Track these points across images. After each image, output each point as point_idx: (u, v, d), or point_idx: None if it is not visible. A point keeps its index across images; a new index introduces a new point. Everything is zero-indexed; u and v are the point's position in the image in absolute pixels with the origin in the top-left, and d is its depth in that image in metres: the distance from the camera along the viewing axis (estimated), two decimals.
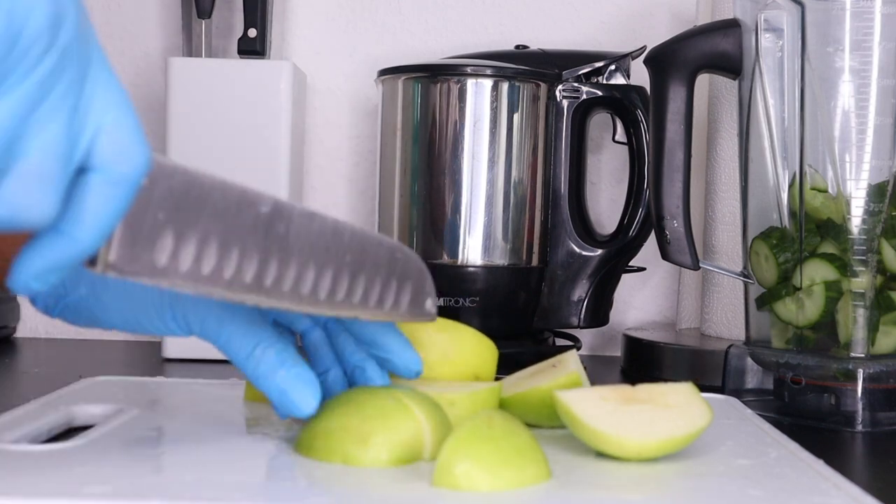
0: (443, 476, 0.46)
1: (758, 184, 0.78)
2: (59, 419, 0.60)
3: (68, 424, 0.60)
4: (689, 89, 0.79)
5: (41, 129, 0.35)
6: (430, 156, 0.91)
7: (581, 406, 0.54)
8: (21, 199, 0.36)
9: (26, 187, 0.36)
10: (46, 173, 0.36)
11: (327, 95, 1.12)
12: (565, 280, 0.93)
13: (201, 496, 0.45)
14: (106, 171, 0.38)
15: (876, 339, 0.73)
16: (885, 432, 0.71)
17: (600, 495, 0.48)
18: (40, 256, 0.38)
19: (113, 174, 0.38)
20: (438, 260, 0.90)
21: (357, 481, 0.49)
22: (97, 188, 0.38)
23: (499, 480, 0.46)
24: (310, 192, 1.12)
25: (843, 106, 0.72)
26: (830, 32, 0.72)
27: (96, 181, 0.38)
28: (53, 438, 0.57)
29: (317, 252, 0.48)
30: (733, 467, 0.53)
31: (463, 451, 0.47)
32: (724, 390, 0.78)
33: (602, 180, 1.12)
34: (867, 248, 0.72)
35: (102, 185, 0.38)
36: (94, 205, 0.38)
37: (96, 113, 0.37)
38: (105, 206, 0.38)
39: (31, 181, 0.36)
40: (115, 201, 0.38)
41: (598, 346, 1.11)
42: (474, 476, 0.46)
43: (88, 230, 0.38)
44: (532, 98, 0.92)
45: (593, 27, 1.12)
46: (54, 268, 0.38)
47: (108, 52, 0.39)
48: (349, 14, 1.12)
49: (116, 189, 0.38)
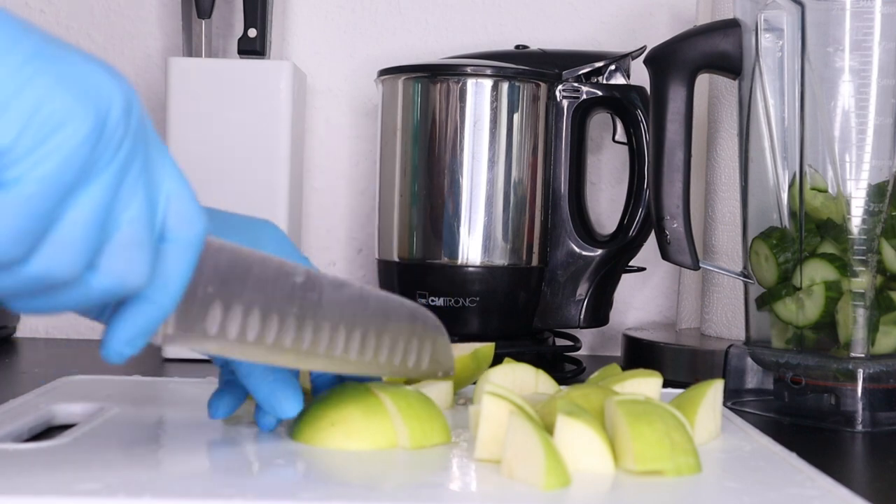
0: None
1: (758, 184, 0.78)
2: (39, 418, 0.60)
3: (48, 423, 0.61)
4: (689, 89, 0.79)
5: (128, 203, 0.40)
6: (430, 156, 0.91)
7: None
8: (122, 266, 0.40)
9: (125, 256, 0.40)
10: (138, 241, 0.40)
11: (327, 95, 1.12)
12: (565, 280, 0.93)
13: (192, 492, 0.45)
14: (177, 238, 0.42)
15: (876, 339, 0.73)
16: (885, 432, 0.71)
17: (577, 482, 0.48)
18: (132, 324, 0.43)
19: (183, 240, 0.42)
20: (438, 260, 0.90)
21: (336, 465, 0.51)
22: (174, 254, 0.42)
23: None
24: (310, 192, 1.12)
25: (843, 106, 0.72)
26: (830, 32, 0.72)
27: (172, 248, 0.42)
28: (35, 437, 0.58)
29: (346, 317, 0.53)
30: (709, 461, 0.54)
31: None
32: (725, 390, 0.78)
33: (602, 180, 1.12)
34: (867, 248, 0.72)
35: (177, 252, 0.42)
36: (173, 270, 0.42)
37: (163, 184, 0.42)
38: (181, 271, 0.43)
39: (127, 250, 0.40)
40: (187, 265, 0.43)
41: (598, 346, 1.11)
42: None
43: (172, 295, 0.43)
44: (532, 98, 0.92)
45: (593, 27, 1.12)
46: (144, 333, 0.43)
47: (108, 52, 0.40)
48: (349, 14, 1.12)
49: (187, 253, 0.43)
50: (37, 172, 0.36)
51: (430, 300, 0.90)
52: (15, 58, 0.36)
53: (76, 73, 0.38)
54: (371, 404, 0.56)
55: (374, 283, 0.98)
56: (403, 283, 0.92)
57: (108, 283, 0.40)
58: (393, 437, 0.55)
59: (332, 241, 1.12)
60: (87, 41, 1.11)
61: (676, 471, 0.50)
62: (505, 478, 0.49)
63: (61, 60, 0.38)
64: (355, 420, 0.55)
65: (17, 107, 0.36)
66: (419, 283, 0.91)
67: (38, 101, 0.36)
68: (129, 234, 0.40)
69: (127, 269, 0.40)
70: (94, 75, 0.38)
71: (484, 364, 0.71)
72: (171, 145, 0.97)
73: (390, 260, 0.93)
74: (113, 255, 0.40)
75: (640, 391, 0.60)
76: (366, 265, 1.12)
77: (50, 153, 0.37)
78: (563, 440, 0.50)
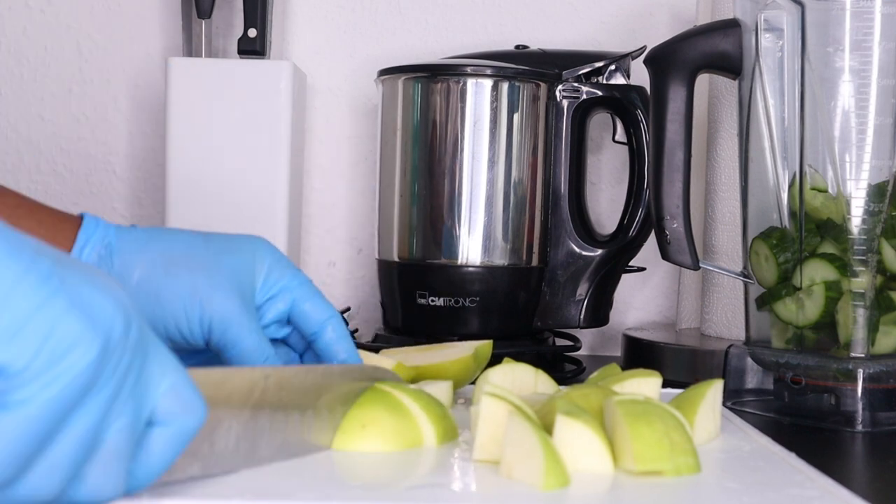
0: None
1: (758, 184, 0.77)
2: None
3: None
4: (689, 89, 0.79)
5: (118, 416, 0.39)
6: (430, 156, 0.91)
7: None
8: (100, 480, 0.39)
9: (105, 469, 0.39)
10: (121, 452, 0.39)
11: (327, 95, 1.12)
12: (565, 280, 0.93)
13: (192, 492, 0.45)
14: (172, 425, 0.41)
15: (876, 339, 0.73)
16: (885, 432, 0.71)
17: (576, 483, 0.48)
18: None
19: (178, 427, 0.42)
20: (438, 260, 0.90)
21: (336, 466, 0.51)
22: (164, 440, 0.41)
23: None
24: (310, 193, 1.12)
25: (843, 106, 0.72)
26: (830, 32, 0.72)
27: (164, 434, 0.41)
28: None
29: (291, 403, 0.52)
30: (709, 461, 0.54)
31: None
32: (725, 390, 0.78)
33: (602, 180, 1.12)
34: (867, 248, 0.72)
35: (169, 437, 0.41)
36: (160, 454, 0.41)
37: (155, 384, 0.41)
38: (169, 454, 0.42)
39: (108, 463, 0.39)
40: (178, 447, 0.42)
41: (598, 346, 1.11)
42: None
43: (152, 475, 0.42)
44: (532, 98, 0.92)
45: (593, 27, 1.12)
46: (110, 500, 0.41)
47: (108, 52, 0.40)
48: (349, 14, 1.12)
49: (181, 438, 0.42)
50: (44, 395, 0.36)
51: (430, 300, 0.90)
52: (31, 279, 0.36)
53: (84, 294, 0.38)
54: (394, 404, 0.56)
55: (375, 282, 0.98)
56: (403, 283, 0.92)
57: (85, 495, 0.39)
58: (419, 436, 0.56)
59: (332, 241, 1.12)
60: (87, 41, 1.11)
61: (676, 471, 0.50)
62: (504, 478, 0.49)
63: (70, 282, 0.38)
64: (384, 421, 0.55)
65: (33, 329, 0.36)
66: (419, 283, 0.91)
67: (52, 324, 0.36)
68: (113, 446, 0.39)
69: (104, 481, 0.39)
70: (99, 295, 0.38)
71: (483, 362, 0.71)
72: (171, 145, 0.97)
73: (390, 260, 0.93)
74: (94, 468, 0.39)
75: (640, 391, 0.60)
76: (366, 265, 1.12)
77: (58, 376, 0.36)
78: (563, 440, 0.50)
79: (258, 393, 0.49)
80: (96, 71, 1.11)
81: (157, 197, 1.11)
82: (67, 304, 0.37)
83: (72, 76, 1.11)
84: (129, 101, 1.11)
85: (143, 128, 1.12)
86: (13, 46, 1.11)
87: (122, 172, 1.12)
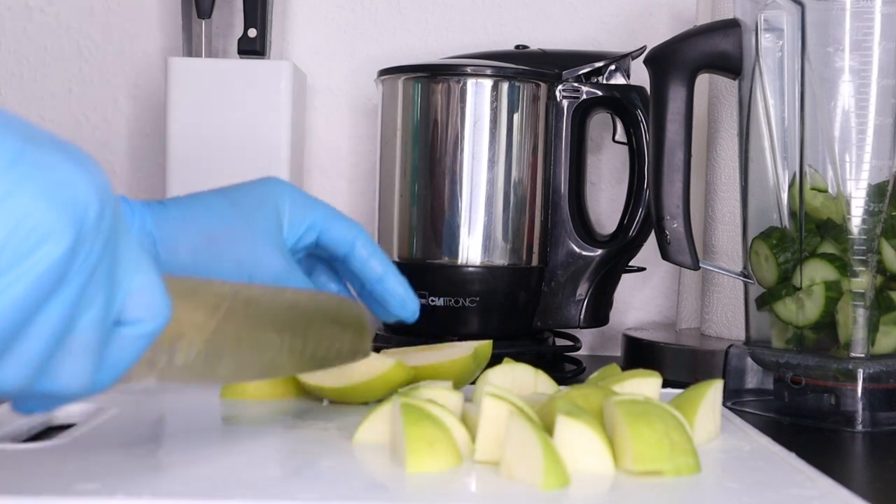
0: None
1: (758, 184, 0.77)
2: (38, 418, 0.60)
3: (47, 423, 0.61)
4: (689, 89, 0.79)
5: (88, 307, 0.37)
6: (430, 156, 0.91)
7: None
8: (68, 372, 0.37)
9: (73, 361, 0.37)
10: (90, 345, 0.38)
11: (327, 95, 1.12)
12: (565, 280, 0.93)
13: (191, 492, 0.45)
14: (136, 326, 0.40)
15: (876, 339, 0.73)
16: (885, 432, 0.71)
17: (576, 483, 0.48)
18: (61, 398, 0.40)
19: (141, 329, 0.40)
20: (438, 260, 0.90)
21: (335, 466, 0.49)
22: (127, 341, 0.40)
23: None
24: (310, 192, 1.11)
25: (843, 106, 0.72)
26: (830, 32, 0.72)
27: (127, 335, 0.40)
28: (34, 437, 0.58)
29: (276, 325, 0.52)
30: (709, 461, 0.54)
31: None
32: (725, 390, 0.78)
33: (602, 180, 1.12)
34: (867, 248, 0.72)
35: (132, 339, 0.40)
36: (122, 356, 0.40)
37: (126, 279, 0.39)
38: (131, 356, 0.40)
39: (77, 355, 0.37)
40: (139, 350, 0.40)
41: (598, 346, 1.11)
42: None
43: (114, 378, 0.40)
44: (532, 98, 0.92)
45: (593, 27, 1.12)
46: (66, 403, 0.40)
47: (108, 52, 0.39)
48: (349, 14, 1.12)
49: (142, 341, 0.40)
50: (11, 293, 0.34)
51: (430, 300, 0.90)
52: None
53: (57, 174, 0.35)
54: (437, 422, 0.53)
55: None
56: None
57: (51, 388, 0.37)
58: (465, 450, 0.53)
59: None
60: (87, 41, 1.11)
61: (676, 471, 0.50)
62: (504, 478, 0.49)
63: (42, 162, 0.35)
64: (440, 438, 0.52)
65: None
66: (419, 283, 0.90)
67: (19, 215, 0.33)
68: (82, 339, 0.37)
69: (72, 374, 0.38)
70: (74, 173, 0.35)
71: (483, 362, 0.71)
72: (171, 145, 0.97)
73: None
74: (63, 360, 0.37)
75: (640, 391, 0.60)
76: None
77: (26, 272, 0.34)
78: (563, 440, 0.50)
79: (224, 309, 0.48)
80: (96, 71, 1.11)
81: (156, 197, 1.10)
82: (37, 189, 0.34)
83: (72, 76, 1.11)
84: (129, 101, 1.11)
85: (143, 128, 1.12)
86: (13, 46, 1.11)
87: (123, 172, 1.12)
